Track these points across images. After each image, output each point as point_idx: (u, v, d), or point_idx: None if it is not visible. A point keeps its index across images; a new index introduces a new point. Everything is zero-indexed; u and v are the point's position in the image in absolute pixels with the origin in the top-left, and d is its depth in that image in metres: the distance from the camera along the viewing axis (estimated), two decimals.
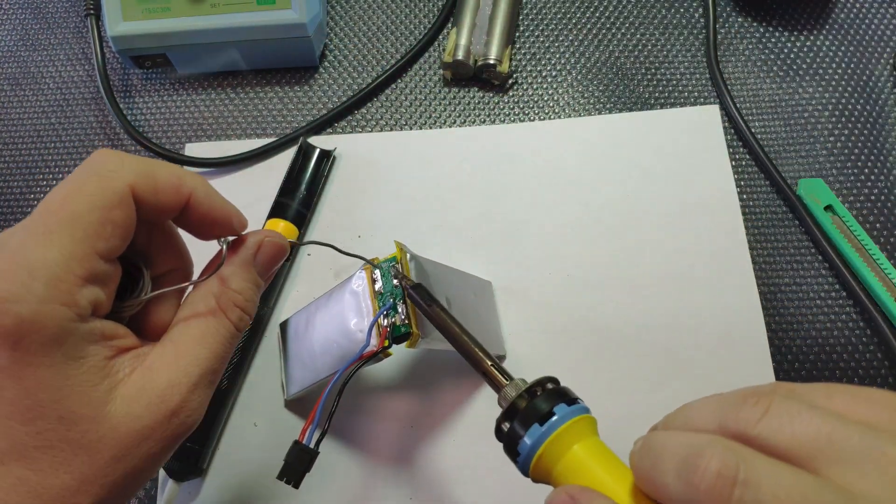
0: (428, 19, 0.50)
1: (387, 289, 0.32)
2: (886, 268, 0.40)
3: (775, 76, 0.47)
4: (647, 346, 0.40)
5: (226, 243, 0.28)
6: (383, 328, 0.31)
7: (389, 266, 0.32)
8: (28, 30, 0.52)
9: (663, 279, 0.41)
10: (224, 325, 0.27)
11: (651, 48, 0.48)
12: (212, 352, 0.26)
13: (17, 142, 0.48)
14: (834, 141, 0.45)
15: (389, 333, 0.31)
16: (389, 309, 0.31)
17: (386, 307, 0.31)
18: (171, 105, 0.49)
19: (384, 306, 0.31)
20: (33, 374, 0.22)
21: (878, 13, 0.48)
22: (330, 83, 0.49)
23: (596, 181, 0.44)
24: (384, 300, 0.32)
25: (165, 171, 0.26)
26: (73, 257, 0.23)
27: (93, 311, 0.24)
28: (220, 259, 0.27)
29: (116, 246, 0.24)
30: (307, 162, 0.44)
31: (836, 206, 0.42)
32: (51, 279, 0.22)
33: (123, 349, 0.25)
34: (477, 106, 0.47)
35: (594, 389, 0.39)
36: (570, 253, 0.42)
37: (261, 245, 0.29)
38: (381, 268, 0.32)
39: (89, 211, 0.23)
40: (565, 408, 0.24)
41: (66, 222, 0.23)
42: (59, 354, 0.23)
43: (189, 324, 0.27)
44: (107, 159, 0.24)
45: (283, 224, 0.42)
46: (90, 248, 0.23)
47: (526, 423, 0.24)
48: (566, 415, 0.24)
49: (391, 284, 0.32)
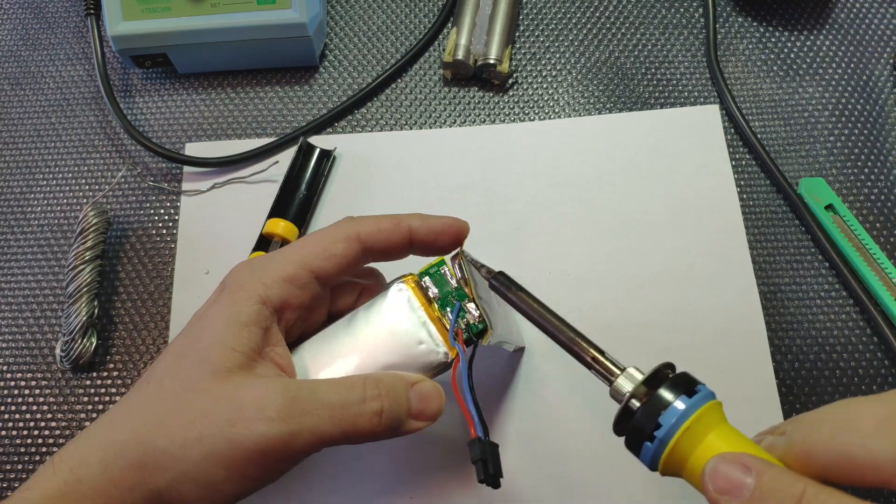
0: (428, 19, 0.50)
1: (444, 292, 0.31)
2: (887, 267, 0.40)
3: (775, 76, 0.47)
4: (647, 345, 0.40)
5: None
6: (458, 330, 0.30)
7: (438, 269, 0.31)
8: (28, 29, 0.52)
9: (663, 279, 0.41)
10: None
11: (651, 48, 0.48)
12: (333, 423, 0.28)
13: (17, 142, 0.48)
14: (834, 141, 0.45)
15: (467, 332, 0.30)
16: (459, 311, 0.30)
17: (457, 308, 0.30)
18: (171, 105, 0.49)
19: (455, 308, 0.30)
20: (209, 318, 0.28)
21: (878, 13, 0.48)
22: (330, 83, 0.49)
23: (596, 181, 0.44)
24: (445, 303, 0.31)
25: (382, 220, 0.31)
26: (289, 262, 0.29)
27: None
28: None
29: (328, 269, 0.30)
30: (307, 162, 0.44)
31: (837, 205, 0.42)
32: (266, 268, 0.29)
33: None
34: (477, 106, 0.47)
35: (594, 389, 0.39)
36: (570, 253, 0.42)
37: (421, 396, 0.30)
38: (429, 274, 0.31)
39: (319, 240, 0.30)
40: (689, 398, 0.23)
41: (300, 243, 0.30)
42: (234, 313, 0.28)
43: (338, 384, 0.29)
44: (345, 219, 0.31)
45: (283, 224, 0.42)
46: (303, 260, 0.29)
47: (651, 417, 0.23)
48: (695, 403, 0.22)
49: (448, 288, 0.31)
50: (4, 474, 0.40)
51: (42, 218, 0.46)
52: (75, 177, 0.47)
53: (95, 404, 0.41)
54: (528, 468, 0.37)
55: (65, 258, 0.44)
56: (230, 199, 0.45)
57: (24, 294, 0.44)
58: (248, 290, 0.28)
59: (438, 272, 0.31)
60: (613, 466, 0.37)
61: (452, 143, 0.46)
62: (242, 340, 0.27)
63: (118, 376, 0.41)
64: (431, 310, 0.31)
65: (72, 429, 0.40)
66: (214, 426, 0.25)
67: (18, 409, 0.41)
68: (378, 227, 0.30)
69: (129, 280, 0.44)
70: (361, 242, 0.30)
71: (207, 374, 0.26)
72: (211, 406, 0.26)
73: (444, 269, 0.31)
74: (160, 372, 0.28)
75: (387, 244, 0.30)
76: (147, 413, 0.26)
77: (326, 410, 0.26)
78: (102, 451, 0.26)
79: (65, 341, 0.41)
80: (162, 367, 0.28)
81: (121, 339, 0.42)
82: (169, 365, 0.28)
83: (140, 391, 0.28)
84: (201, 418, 0.25)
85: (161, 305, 0.43)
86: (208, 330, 0.28)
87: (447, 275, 0.31)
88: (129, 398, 0.28)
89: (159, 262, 0.44)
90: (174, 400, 0.26)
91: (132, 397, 0.28)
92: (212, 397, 0.26)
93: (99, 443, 0.26)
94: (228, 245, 0.43)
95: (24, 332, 0.43)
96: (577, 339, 0.27)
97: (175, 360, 0.28)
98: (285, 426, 0.25)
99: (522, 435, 0.38)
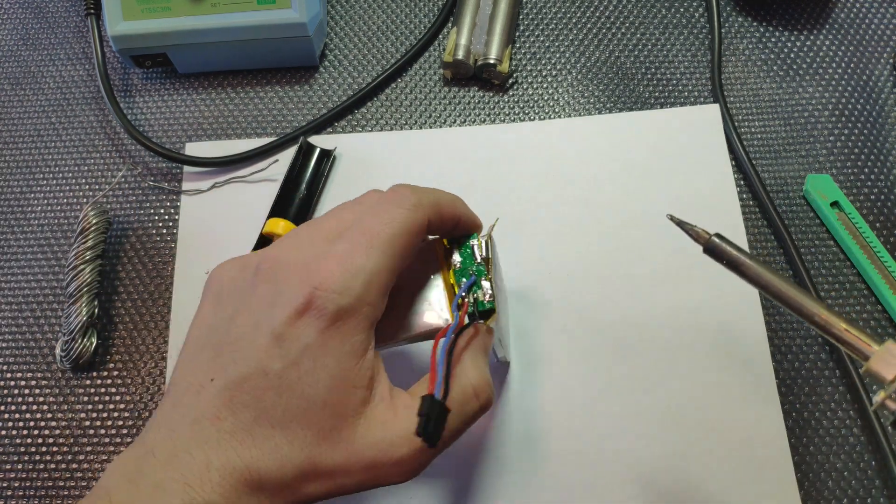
0: (428, 19, 0.50)
1: (466, 265, 0.31)
2: (891, 266, 0.40)
3: (775, 76, 0.47)
4: (646, 345, 0.40)
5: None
6: (465, 302, 0.30)
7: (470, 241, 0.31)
8: (28, 29, 0.52)
9: (663, 278, 0.41)
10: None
11: (651, 48, 0.48)
12: (448, 433, 0.27)
13: (17, 141, 0.48)
14: (834, 140, 0.45)
15: (473, 307, 0.30)
16: (472, 284, 0.30)
17: (471, 281, 0.30)
18: (172, 104, 0.49)
19: (469, 280, 0.30)
20: (325, 357, 0.26)
21: (878, 13, 0.48)
22: (330, 83, 0.49)
23: (596, 180, 0.44)
24: (462, 274, 0.31)
25: (446, 199, 0.30)
26: (384, 270, 0.27)
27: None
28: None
29: (407, 265, 0.29)
30: (307, 162, 0.44)
31: (843, 202, 0.42)
32: (366, 283, 0.26)
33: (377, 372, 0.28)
34: (477, 106, 0.47)
35: (594, 388, 0.39)
36: (570, 252, 0.42)
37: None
38: (457, 242, 0.32)
39: (400, 236, 0.28)
40: None
41: (384, 243, 0.27)
42: (349, 346, 0.26)
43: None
44: (408, 193, 0.29)
45: (284, 223, 0.42)
46: (394, 265, 0.28)
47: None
48: None
49: (472, 261, 0.31)
50: (4, 474, 0.40)
51: (42, 218, 0.46)
52: (75, 177, 0.47)
53: (95, 404, 0.41)
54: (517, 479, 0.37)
55: (65, 258, 0.44)
56: (230, 199, 0.45)
57: (24, 294, 0.44)
58: (359, 317, 0.27)
59: (468, 244, 0.31)
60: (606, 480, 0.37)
61: (452, 143, 0.46)
62: (362, 373, 0.27)
63: (118, 376, 0.41)
64: (447, 275, 0.31)
65: (72, 428, 0.40)
66: (352, 479, 0.26)
67: (18, 408, 0.41)
68: (441, 215, 0.30)
69: (129, 280, 0.44)
70: (429, 228, 0.30)
71: (335, 421, 0.26)
72: (345, 459, 0.26)
73: (474, 243, 0.31)
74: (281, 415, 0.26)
75: (441, 231, 0.31)
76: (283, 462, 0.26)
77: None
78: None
79: (65, 341, 0.41)
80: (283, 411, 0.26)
81: (121, 339, 0.42)
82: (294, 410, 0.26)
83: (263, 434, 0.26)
84: (339, 470, 0.26)
85: (161, 305, 0.43)
86: (325, 372, 0.26)
87: (475, 249, 0.31)
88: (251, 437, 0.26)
89: (159, 262, 0.44)
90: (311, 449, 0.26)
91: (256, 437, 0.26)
92: (345, 449, 0.26)
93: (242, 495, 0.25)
94: (228, 245, 0.43)
95: (24, 332, 0.43)
96: (822, 308, 0.24)
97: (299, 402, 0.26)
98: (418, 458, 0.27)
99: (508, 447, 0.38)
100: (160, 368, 0.41)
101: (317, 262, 0.27)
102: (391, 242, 0.28)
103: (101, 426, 0.40)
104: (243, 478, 0.25)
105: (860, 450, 0.38)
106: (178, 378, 0.28)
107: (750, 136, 0.45)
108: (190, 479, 0.24)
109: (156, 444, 0.26)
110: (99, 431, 0.40)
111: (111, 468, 0.26)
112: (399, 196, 0.29)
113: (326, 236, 0.28)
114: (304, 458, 0.26)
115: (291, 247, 0.29)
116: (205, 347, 0.28)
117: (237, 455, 0.25)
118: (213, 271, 0.30)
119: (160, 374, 0.41)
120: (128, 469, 0.25)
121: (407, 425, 0.26)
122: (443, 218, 0.30)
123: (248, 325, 0.27)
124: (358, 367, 0.26)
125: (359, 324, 0.27)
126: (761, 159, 0.44)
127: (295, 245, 0.29)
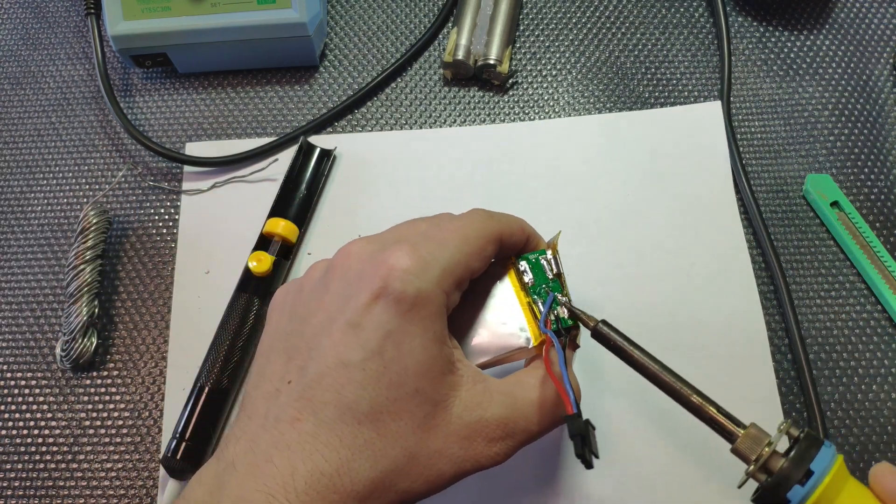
0: (428, 19, 0.50)
1: (540, 281, 0.31)
2: (890, 265, 0.40)
3: (775, 76, 0.47)
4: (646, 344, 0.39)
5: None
6: (548, 320, 0.30)
7: (538, 258, 0.31)
8: (28, 29, 0.52)
9: (663, 278, 0.41)
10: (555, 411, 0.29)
11: (651, 47, 0.48)
12: (540, 426, 0.28)
13: (17, 141, 0.48)
14: (834, 140, 0.45)
15: (556, 324, 0.30)
16: (553, 301, 0.30)
17: (550, 298, 0.30)
18: (172, 104, 0.49)
19: (548, 298, 0.30)
20: (409, 343, 0.25)
21: (878, 13, 0.48)
22: (330, 83, 0.49)
23: (596, 180, 0.44)
24: (537, 292, 0.31)
25: (515, 219, 0.31)
26: (458, 263, 0.27)
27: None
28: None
29: (478, 269, 0.29)
30: (307, 161, 0.44)
31: (843, 202, 0.42)
32: (443, 271, 0.26)
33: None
34: (477, 106, 0.47)
35: (594, 389, 0.39)
36: (569, 252, 0.42)
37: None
38: (528, 260, 0.31)
39: (475, 238, 0.28)
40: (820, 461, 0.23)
41: (459, 238, 0.28)
42: (432, 332, 0.26)
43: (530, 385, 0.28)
44: (480, 209, 0.31)
45: (284, 223, 0.42)
46: (469, 263, 0.28)
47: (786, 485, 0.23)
48: (825, 468, 0.23)
49: (545, 277, 0.31)
50: (4, 474, 0.40)
51: (42, 218, 0.46)
52: (75, 176, 0.47)
53: (95, 404, 0.41)
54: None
55: (65, 258, 0.44)
56: (230, 199, 0.45)
57: (24, 294, 0.44)
58: (436, 304, 0.26)
59: (538, 261, 0.31)
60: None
61: (452, 143, 0.46)
62: (445, 361, 0.26)
63: (118, 376, 0.41)
64: (522, 294, 0.31)
65: (72, 428, 0.40)
66: (451, 464, 0.26)
67: (18, 408, 0.41)
68: (512, 231, 0.30)
69: (130, 280, 0.44)
70: (501, 244, 0.30)
71: (428, 408, 0.25)
72: (443, 445, 0.26)
73: (543, 260, 0.31)
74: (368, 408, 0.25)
75: (513, 248, 0.31)
76: (377, 458, 0.24)
77: (535, 411, 0.27)
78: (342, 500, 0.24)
79: (65, 341, 0.41)
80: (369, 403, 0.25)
81: (121, 338, 0.42)
82: (382, 401, 0.25)
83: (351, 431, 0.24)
84: (438, 457, 0.26)
85: (161, 305, 0.43)
86: (411, 358, 0.25)
87: (545, 266, 0.31)
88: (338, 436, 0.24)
89: (159, 261, 0.44)
90: (407, 440, 0.25)
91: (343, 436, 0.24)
92: (442, 435, 0.26)
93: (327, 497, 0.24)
94: (228, 244, 0.43)
95: (24, 332, 0.43)
96: (692, 394, 0.27)
97: (387, 393, 0.25)
98: (511, 442, 0.27)
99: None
100: (160, 368, 0.41)
101: (390, 251, 0.27)
102: (466, 240, 0.28)
103: (101, 426, 0.40)
104: (332, 483, 0.23)
105: (860, 450, 0.38)
106: (251, 388, 0.27)
107: (750, 135, 0.45)
108: (273, 489, 0.23)
109: (236, 457, 0.25)
110: (99, 431, 0.40)
111: (192, 483, 0.25)
112: (472, 210, 0.30)
113: (397, 237, 0.28)
114: (399, 451, 0.25)
115: (360, 246, 0.28)
116: (277, 352, 0.27)
117: (323, 458, 0.24)
118: (275, 293, 0.30)
119: (160, 374, 0.41)
120: (209, 483, 0.24)
121: (503, 410, 0.27)
122: (513, 234, 0.30)
123: (322, 321, 0.26)
124: (442, 352, 0.26)
125: (438, 310, 0.26)
126: (761, 159, 0.45)
127: (364, 243, 0.28)
